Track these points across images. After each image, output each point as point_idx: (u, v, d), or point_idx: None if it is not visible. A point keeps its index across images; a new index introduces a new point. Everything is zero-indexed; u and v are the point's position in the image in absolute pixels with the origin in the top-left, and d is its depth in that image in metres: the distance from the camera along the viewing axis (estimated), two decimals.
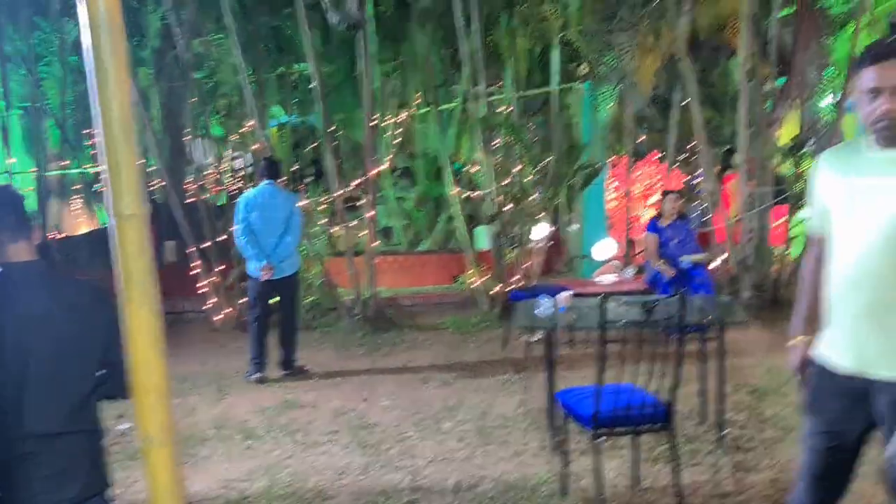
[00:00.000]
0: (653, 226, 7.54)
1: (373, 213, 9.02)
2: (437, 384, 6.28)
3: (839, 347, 2.42)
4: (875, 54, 2.28)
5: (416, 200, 12.24)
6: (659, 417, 3.69)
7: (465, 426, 5.18)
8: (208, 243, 9.01)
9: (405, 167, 12.33)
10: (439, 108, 10.17)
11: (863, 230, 2.32)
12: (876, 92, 2.24)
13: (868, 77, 2.26)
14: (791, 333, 2.66)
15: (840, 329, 2.42)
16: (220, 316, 8.88)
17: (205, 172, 9.78)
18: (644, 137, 10.83)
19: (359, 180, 9.13)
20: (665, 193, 7.71)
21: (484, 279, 9.11)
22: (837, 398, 2.45)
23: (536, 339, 6.77)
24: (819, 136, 9.24)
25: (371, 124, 9.09)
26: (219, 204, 9.67)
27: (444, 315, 9.05)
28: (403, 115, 10.93)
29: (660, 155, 10.77)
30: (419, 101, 10.63)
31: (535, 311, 4.90)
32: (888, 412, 2.30)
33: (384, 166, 10.35)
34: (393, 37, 10.26)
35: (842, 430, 2.47)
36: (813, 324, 2.59)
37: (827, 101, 9.16)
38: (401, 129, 11.05)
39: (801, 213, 8.46)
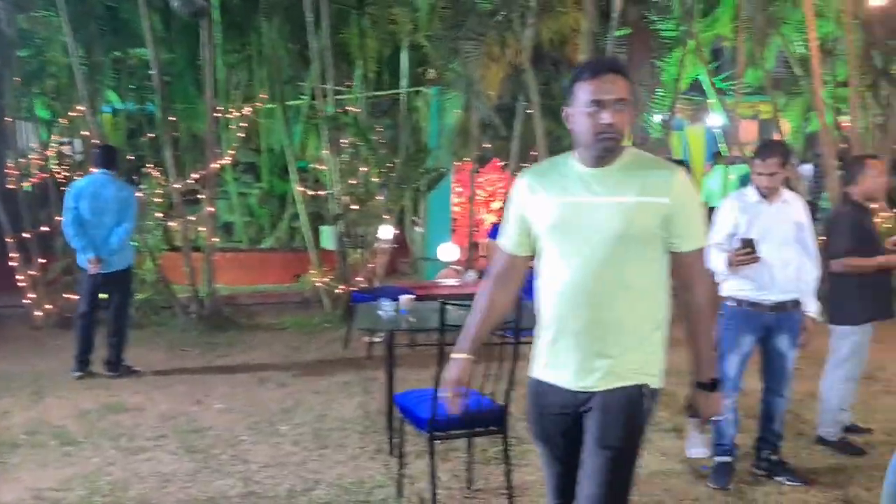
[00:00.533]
0: (495, 231, 7.70)
1: (212, 208, 8.71)
2: (274, 386, 6.14)
3: (559, 366, 2.38)
4: (595, 68, 2.26)
5: (259, 197, 11.94)
6: (493, 420, 3.76)
7: (302, 429, 5.09)
8: (29, 234, 8.40)
9: (249, 162, 12.01)
10: (286, 103, 9.96)
11: (580, 250, 2.29)
12: (597, 105, 2.21)
13: (588, 90, 2.22)
14: (457, 347, 2.51)
15: (560, 348, 2.37)
16: (41, 312, 8.29)
17: (28, 157, 9.09)
18: (489, 144, 11.05)
19: (199, 173, 8.79)
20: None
21: (327, 279, 9.00)
22: (560, 419, 2.41)
23: (378, 340, 6.76)
24: (650, 150, 9.75)
25: (214, 116, 8.79)
26: (44, 189, 9.01)
27: (284, 315, 8.87)
28: (248, 108, 10.63)
29: (503, 162, 11.02)
30: (265, 95, 10.38)
31: (377, 313, 4.89)
32: (590, 418, 2.33)
33: (226, 160, 10.02)
34: (239, 27, 9.97)
35: (572, 450, 2.40)
36: (479, 342, 2.51)
37: (656, 118, 9.69)
38: (245, 123, 10.74)
39: None
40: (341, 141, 9.14)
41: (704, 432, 2.52)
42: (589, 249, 2.27)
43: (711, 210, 4.42)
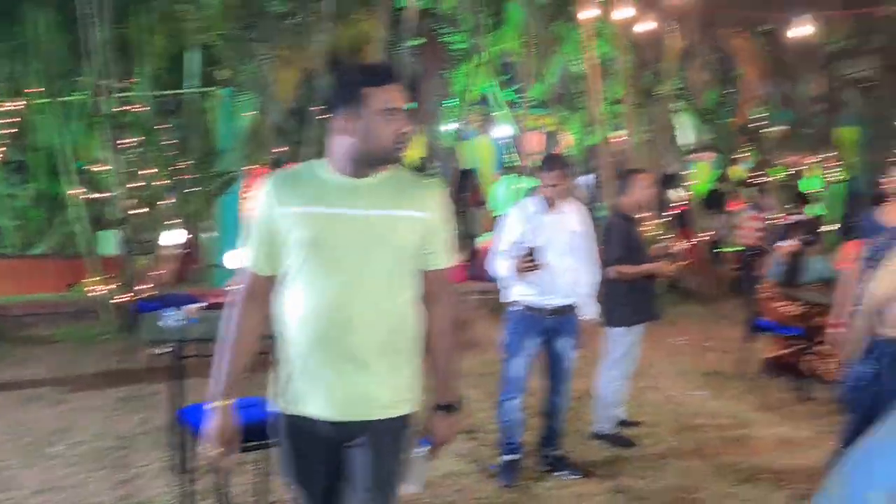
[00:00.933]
0: None
1: None
2: (47, 403, 5.69)
3: (316, 398, 2.15)
4: (387, 74, 2.16)
5: (30, 198, 11.00)
6: None
7: (80, 449, 4.75)
8: None
9: (18, 161, 11.03)
10: (61, 99, 9.24)
11: (339, 268, 2.12)
12: (394, 112, 2.11)
13: (384, 97, 2.09)
14: (213, 394, 2.21)
15: (317, 377, 2.15)
16: None
17: None
18: (283, 148, 10.87)
19: None
20: None
21: (109, 287, 8.46)
22: (322, 456, 2.22)
23: (163, 351, 6.44)
24: (441, 159, 10.06)
25: None
26: None
27: (59, 326, 8.24)
28: (18, 102, 9.76)
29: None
30: (38, 89, 9.58)
31: (164, 322, 4.67)
32: (356, 455, 2.20)
33: None
34: (7, 14, 9.13)
35: (333, 486, 2.25)
36: (236, 381, 2.22)
37: (448, 127, 9.99)
38: (14, 119, 9.85)
39: None
40: (125, 141, 8.62)
41: (432, 459, 2.36)
42: (350, 266, 2.12)
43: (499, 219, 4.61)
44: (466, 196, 12.46)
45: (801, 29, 10.00)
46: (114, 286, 8.46)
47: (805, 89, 12.41)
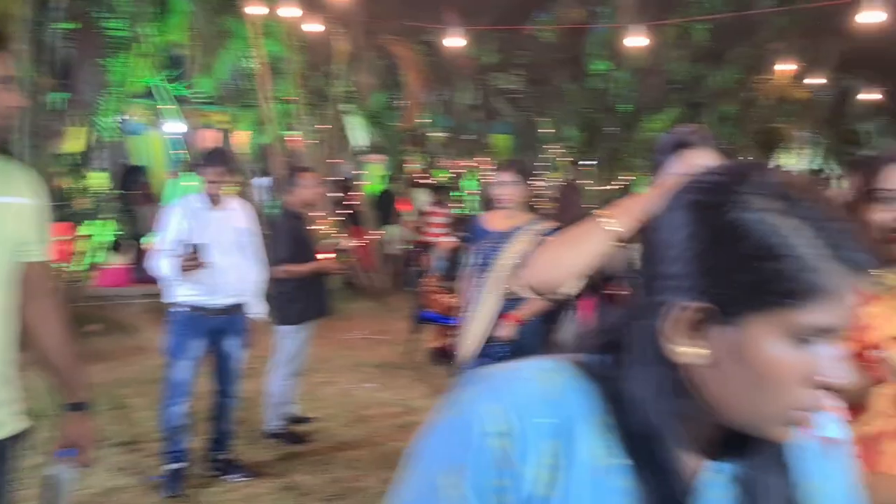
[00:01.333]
0: None
1: None
2: None
3: None
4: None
5: None
6: None
7: None
8: None
9: None
10: None
11: None
12: (2, 81, 1.85)
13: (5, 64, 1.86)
14: None
15: None
16: None
17: None
18: None
19: None
20: None
21: None
22: None
23: None
24: (105, 153, 9.35)
25: None
26: None
27: None
28: None
29: None
30: None
31: None
32: None
33: None
34: None
35: None
36: None
37: (111, 120, 9.31)
38: None
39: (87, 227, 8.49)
40: None
41: (79, 471, 2.11)
42: None
43: None
44: (133, 193, 11.74)
45: (455, 41, 10.77)
46: None
47: (462, 98, 13.44)
